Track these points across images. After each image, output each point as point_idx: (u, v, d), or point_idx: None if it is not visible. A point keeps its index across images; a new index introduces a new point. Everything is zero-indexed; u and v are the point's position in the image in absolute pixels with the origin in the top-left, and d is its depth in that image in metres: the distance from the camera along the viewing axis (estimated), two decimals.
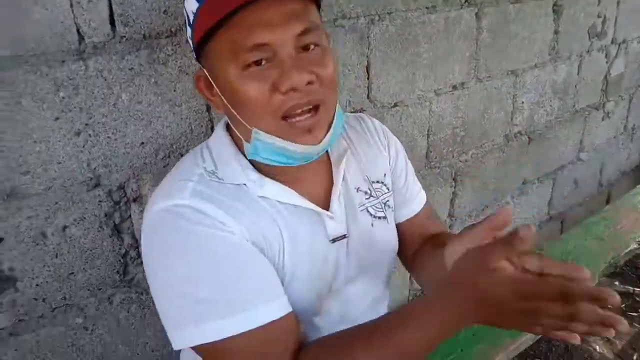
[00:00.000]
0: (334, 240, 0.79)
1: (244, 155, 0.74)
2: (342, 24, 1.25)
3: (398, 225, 0.93)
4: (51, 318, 0.97)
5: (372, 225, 0.84)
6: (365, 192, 0.85)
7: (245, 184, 0.73)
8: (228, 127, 0.78)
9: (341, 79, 1.29)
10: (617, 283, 2.57)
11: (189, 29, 0.70)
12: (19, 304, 0.92)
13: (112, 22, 0.90)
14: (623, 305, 2.44)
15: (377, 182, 0.88)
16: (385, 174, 0.89)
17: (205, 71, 0.70)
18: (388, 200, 0.89)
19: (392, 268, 0.93)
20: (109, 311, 1.04)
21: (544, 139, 2.10)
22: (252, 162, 0.74)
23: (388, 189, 0.89)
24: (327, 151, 0.81)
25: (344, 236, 0.79)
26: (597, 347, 2.19)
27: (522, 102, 1.92)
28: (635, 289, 2.55)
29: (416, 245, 0.94)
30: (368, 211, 0.85)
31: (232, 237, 0.67)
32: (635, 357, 2.05)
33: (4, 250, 0.88)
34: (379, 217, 0.86)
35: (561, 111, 2.14)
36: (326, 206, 0.78)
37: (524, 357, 1.84)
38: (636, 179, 2.81)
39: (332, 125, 0.71)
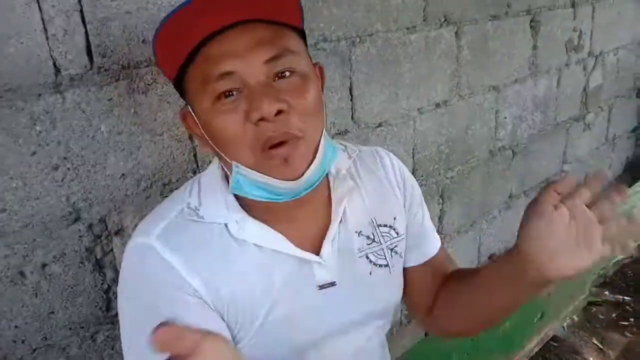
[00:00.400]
0: (321, 287, 0.74)
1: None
2: (323, 47, 1.25)
3: (410, 270, 0.87)
4: None
5: (370, 273, 0.78)
6: (368, 237, 0.79)
7: (226, 224, 0.70)
8: None
9: (324, 101, 1.28)
10: (607, 293, 2.59)
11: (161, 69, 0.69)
12: None
13: (89, 53, 0.88)
14: (614, 315, 2.45)
15: (385, 225, 0.81)
16: (395, 218, 0.82)
17: (189, 107, 0.69)
18: (396, 246, 0.82)
19: (390, 322, 0.87)
20: (93, 349, 1.00)
21: (528, 152, 2.12)
22: (241, 199, 0.71)
23: (397, 233, 0.82)
24: (329, 189, 0.77)
25: (332, 284, 0.74)
26: (591, 359, 2.19)
27: (505, 117, 1.94)
28: (625, 297, 2.56)
29: (430, 293, 0.88)
30: (368, 257, 0.78)
31: (191, 300, 0.65)
32: None
33: None
34: (380, 265, 0.80)
35: (543, 124, 2.17)
36: (318, 249, 0.74)
37: None
38: None
39: (317, 157, 0.66)
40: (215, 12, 0.60)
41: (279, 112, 0.62)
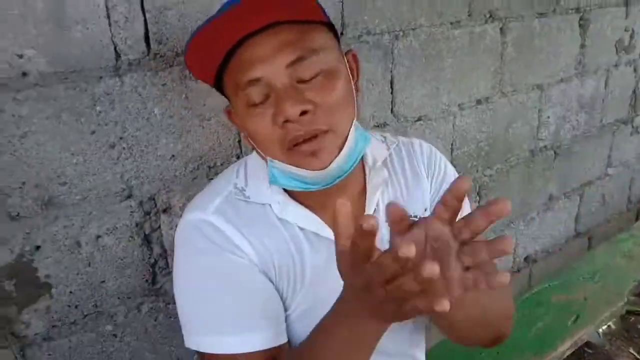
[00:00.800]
0: None
1: None
2: (366, 40, 1.27)
3: None
4: (83, 325, 1.00)
5: None
6: None
7: (270, 205, 0.74)
8: None
9: (365, 93, 1.30)
10: None
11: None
12: (52, 310, 0.96)
13: (147, 40, 0.94)
14: None
15: (416, 217, 0.82)
16: (426, 209, 0.85)
17: (230, 106, 0.75)
18: None
19: None
20: (138, 319, 1.07)
21: (570, 153, 2.07)
22: None
23: None
24: (365, 179, 0.79)
25: None
26: None
27: (548, 117, 1.91)
28: None
29: None
30: None
31: (243, 261, 0.70)
32: None
33: (40, 258, 0.92)
34: None
35: (588, 126, 2.11)
36: None
37: None
38: None
39: (346, 147, 0.69)
40: (242, 19, 0.64)
41: (303, 113, 0.65)
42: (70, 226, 0.94)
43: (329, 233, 0.74)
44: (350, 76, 0.73)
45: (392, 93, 1.37)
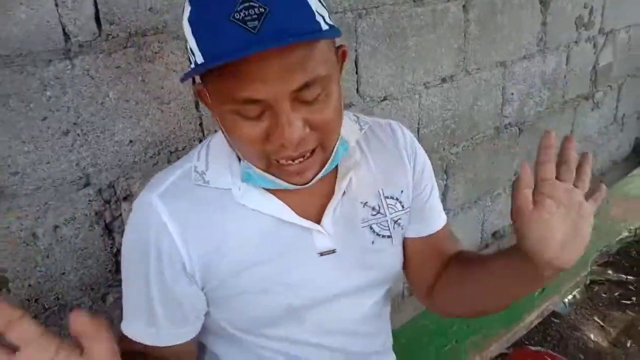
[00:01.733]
0: (321, 254, 0.76)
1: (239, 159, 0.73)
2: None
3: (411, 242, 0.87)
4: (44, 319, 0.97)
5: (372, 243, 0.80)
6: (373, 208, 0.80)
7: (230, 189, 0.72)
8: None
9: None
10: (610, 272, 2.59)
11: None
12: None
13: (98, 21, 0.90)
14: (616, 294, 2.46)
15: (391, 197, 0.82)
16: (402, 191, 0.83)
17: (204, 88, 0.65)
18: (400, 219, 0.83)
19: (390, 289, 0.89)
20: (103, 310, 1.04)
21: (534, 130, 2.11)
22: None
23: (403, 206, 0.83)
24: None
25: (333, 251, 0.76)
26: (592, 336, 2.21)
27: (512, 94, 1.94)
28: (629, 277, 2.57)
29: (429, 269, 0.88)
30: (371, 228, 0.80)
31: (168, 259, 0.70)
32: (629, 345, 2.07)
33: None
34: (383, 236, 0.81)
35: (551, 102, 2.16)
36: (321, 219, 0.75)
37: (519, 346, 1.86)
38: (627, 169, 2.84)
39: (329, 161, 0.68)
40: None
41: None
42: (25, 217, 0.90)
43: (291, 216, 0.73)
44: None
45: (357, 72, 1.37)
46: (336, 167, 0.77)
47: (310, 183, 0.67)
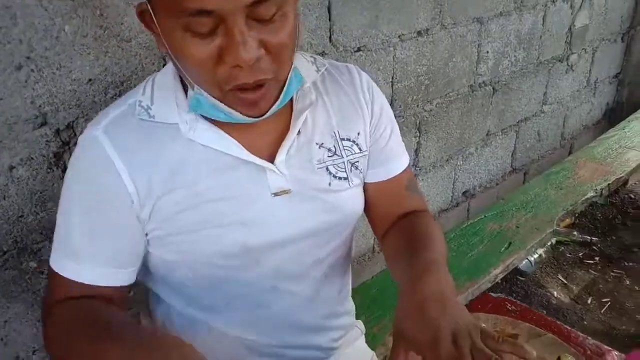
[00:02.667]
0: (275, 194, 0.75)
1: (186, 93, 0.70)
2: None
3: (370, 187, 0.87)
4: (2, 262, 0.95)
5: (329, 184, 0.79)
6: (329, 150, 0.79)
7: (178, 125, 0.69)
8: None
9: (301, 19, 1.25)
10: (575, 233, 2.67)
11: None
12: None
13: None
14: (580, 254, 2.55)
15: (348, 139, 0.82)
16: (359, 133, 0.83)
17: (148, 6, 0.62)
18: (357, 161, 0.83)
19: (350, 232, 0.88)
20: None
21: (508, 89, 2.12)
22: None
23: (360, 149, 0.83)
24: (291, 100, 0.75)
25: (287, 191, 0.75)
26: (555, 293, 2.29)
27: (487, 52, 1.93)
28: (593, 238, 2.65)
29: (389, 216, 0.89)
30: (327, 169, 0.79)
31: (112, 193, 0.68)
32: (589, 301, 2.15)
33: None
34: (340, 178, 0.80)
35: (525, 62, 2.16)
36: (274, 158, 0.74)
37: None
38: (598, 133, 2.89)
39: (282, 93, 0.66)
40: None
41: (256, 60, 0.59)
42: None
43: (242, 154, 0.71)
44: None
45: (329, 20, 1.33)
46: (291, 106, 0.75)
47: (266, 115, 0.65)
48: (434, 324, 0.62)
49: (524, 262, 2.15)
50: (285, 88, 0.67)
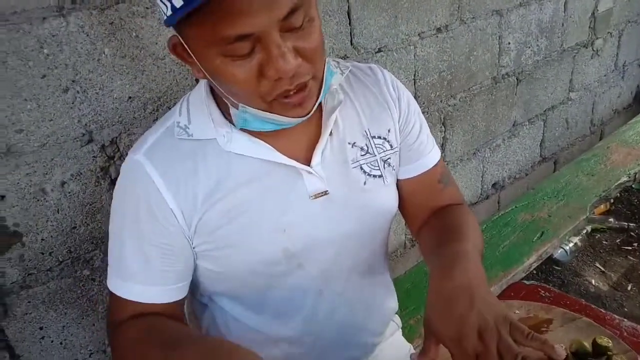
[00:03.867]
0: (315, 197, 0.76)
1: (219, 108, 0.73)
2: None
3: (404, 183, 0.88)
4: (59, 271, 1.02)
5: (364, 183, 0.80)
6: (362, 148, 0.81)
7: (215, 138, 0.73)
8: None
9: (322, 26, 1.29)
10: (611, 220, 2.62)
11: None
12: (27, 259, 0.97)
13: None
14: (617, 240, 2.50)
15: (379, 137, 0.83)
16: (389, 130, 0.84)
17: (180, 38, 0.63)
18: (389, 158, 0.83)
19: (387, 231, 0.89)
20: None
21: (532, 79, 2.11)
22: (228, 115, 0.73)
23: (391, 146, 0.84)
24: (320, 103, 0.76)
25: (325, 192, 0.77)
26: (593, 281, 2.26)
27: (509, 43, 1.92)
28: (630, 224, 2.60)
29: (424, 211, 0.90)
30: (362, 168, 0.80)
31: (159, 215, 0.71)
32: (629, 288, 2.11)
33: (6, 207, 0.92)
34: (374, 176, 0.81)
35: (549, 50, 2.14)
36: (309, 160, 0.76)
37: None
38: (628, 117, 2.83)
39: (322, 90, 0.69)
40: None
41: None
42: (33, 173, 0.94)
43: (278, 157, 0.74)
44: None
45: (350, 24, 1.37)
46: (320, 110, 0.77)
47: (310, 114, 0.68)
48: (459, 320, 0.63)
49: (559, 252, 2.12)
50: (324, 85, 0.69)
